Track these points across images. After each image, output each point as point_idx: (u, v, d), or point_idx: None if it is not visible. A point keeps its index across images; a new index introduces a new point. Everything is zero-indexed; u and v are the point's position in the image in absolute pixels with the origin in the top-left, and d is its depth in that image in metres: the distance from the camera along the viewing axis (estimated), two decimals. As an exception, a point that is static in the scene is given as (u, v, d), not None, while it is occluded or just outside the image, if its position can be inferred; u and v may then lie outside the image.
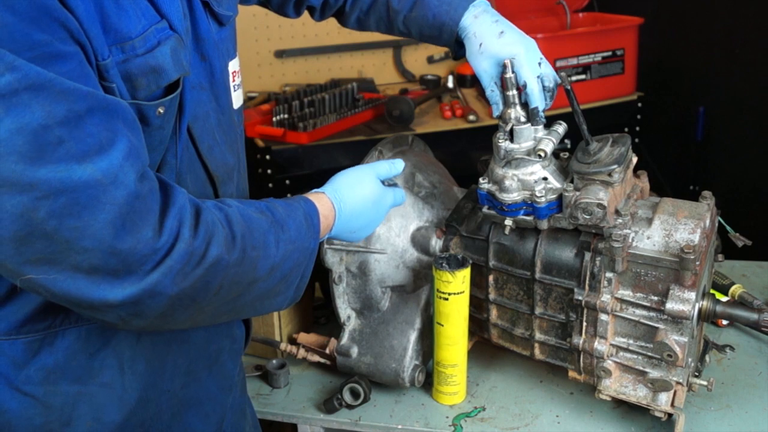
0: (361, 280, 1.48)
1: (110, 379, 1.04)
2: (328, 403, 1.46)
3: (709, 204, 1.34)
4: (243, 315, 1.12)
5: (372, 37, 3.27)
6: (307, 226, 1.09)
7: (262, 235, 1.00)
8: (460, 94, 3.11)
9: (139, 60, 0.92)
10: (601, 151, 1.29)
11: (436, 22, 1.41)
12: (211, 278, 0.92)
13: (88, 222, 0.81)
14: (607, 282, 1.30)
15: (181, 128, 1.03)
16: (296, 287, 1.10)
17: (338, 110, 2.81)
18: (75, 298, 0.85)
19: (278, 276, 1.04)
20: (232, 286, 0.96)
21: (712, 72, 2.89)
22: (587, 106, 2.82)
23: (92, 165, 0.81)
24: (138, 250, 0.84)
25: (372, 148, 1.53)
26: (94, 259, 0.83)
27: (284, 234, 1.04)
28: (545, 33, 2.86)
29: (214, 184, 1.15)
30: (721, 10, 2.79)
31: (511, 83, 1.29)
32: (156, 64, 0.93)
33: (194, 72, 1.06)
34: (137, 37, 0.91)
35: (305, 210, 1.11)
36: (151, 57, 0.93)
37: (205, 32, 1.09)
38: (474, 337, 1.56)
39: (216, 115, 1.12)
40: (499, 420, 1.43)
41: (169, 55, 0.95)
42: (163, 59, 0.94)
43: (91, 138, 0.81)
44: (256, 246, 0.98)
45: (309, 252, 1.10)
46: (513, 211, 1.33)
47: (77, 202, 0.80)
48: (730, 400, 1.44)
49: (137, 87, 0.92)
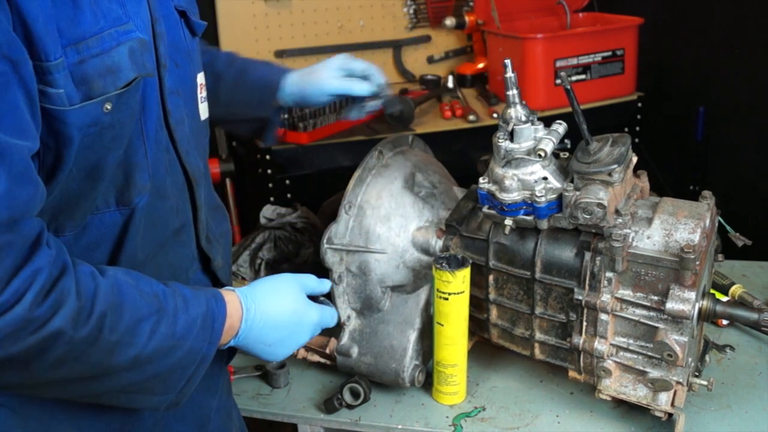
0: (361, 280, 1.48)
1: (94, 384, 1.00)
2: (328, 403, 1.46)
3: (709, 204, 1.34)
4: (110, 402, 1.01)
5: (372, 36, 3.27)
6: (202, 328, 1.00)
7: (134, 321, 0.92)
8: (460, 94, 3.11)
9: (95, 60, 0.90)
10: (601, 151, 1.29)
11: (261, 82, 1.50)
12: (48, 348, 0.85)
13: None
14: (607, 282, 1.30)
15: (145, 129, 1.01)
16: (179, 391, 1.02)
17: (338, 110, 2.81)
18: None
19: (148, 371, 0.95)
20: (79, 365, 0.89)
21: (712, 72, 2.89)
22: (587, 106, 2.82)
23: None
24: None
25: (372, 148, 1.53)
26: None
27: (167, 328, 0.95)
28: (545, 33, 2.86)
29: (192, 188, 1.15)
30: (721, 10, 2.79)
31: (511, 83, 1.29)
32: (112, 63, 0.92)
33: (171, 78, 1.06)
34: (91, 37, 0.90)
35: (209, 310, 1.02)
36: (107, 57, 0.91)
37: (180, 40, 1.11)
38: (474, 337, 1.56)
39: (189, 121, 1.13)
40: (499, 420, 1.43)
41: (126, 55, 0.93)
42: (120, 59, 0.93)
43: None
44: (119, 330, 0.91)
45: (199, 356, 1.00)
46: (513, 210, 1.33)
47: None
48: (730, 400, 1.44)
49: (93, 88, 0.90)
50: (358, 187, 1.48)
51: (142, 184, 1.03)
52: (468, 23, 3.19)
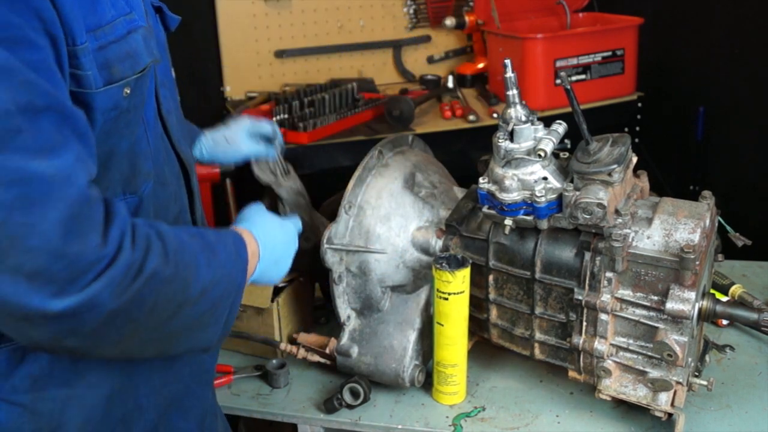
0: (361, 279, 1.48)
1: (96, 380, 1.03)
2: (328, 403, 1.46)
3: (709, 204, 1.34)
4: (170, 348, 1.04)
5: (372, 37, 3.27)
6: (236, 256, 1.06)
7: (193, 255, 0.96)
8: (460, 94, 3.11)
9: (114, 46, 0.94)
10: (601, 151, 1.29)
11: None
12: (147, 293, 0.88)
13: (37, 219, 0.78)
14: (607, 282, 1.30)
15: (146, 117, 1.06)
16: (225, 322, 1.05)
17: (338, 110, 2.81)
18: (10, 304, 0.79)
19: (208, 303, 0.99)
20: (165, 304, 0.92)
21: (712, 72, 2.89)
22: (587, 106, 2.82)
23: (46, 161, 0.79)
24: (84, 256, 0.81)
25: (372, 148, 1.53)
26: (38, 261, 0.78)
27: (215, 258, 1.00)
28: (545, 33, 2.86)
29: (187, 174, 1.21)
30: (721, 10, 2.79)
31: (511, 83, 1.29)
32: (130, 48, 0.96)
33: (160, 70, 1.12)
34: (107, 24, 0.93)
35: (234, 240, 1.07)
36: (125, 43, 0.96)
37: (160, 35, 1.17)
38: (474, 337, 1.56)
39: (175, 113, 1.20)
40: (499, 420, 1.43)
41: (141, 42, 0.99)
42: (137, 45, 0.98)
43: (46, 135, 0.80)
44: (189, 264, 0.94)
45: (237, 285, 1.05)
46: (513, 210, 1.33)
47: (28, 196, 0.77)
48: (730, 400, 1.44)
49: (114, 73, 0.94)
50: (358, 187, 1.48)
51: (147, 171, 1.07)
52: (468, 23, 3.20)
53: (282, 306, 1.61)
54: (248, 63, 3.09)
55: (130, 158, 1.03)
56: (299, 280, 1.67)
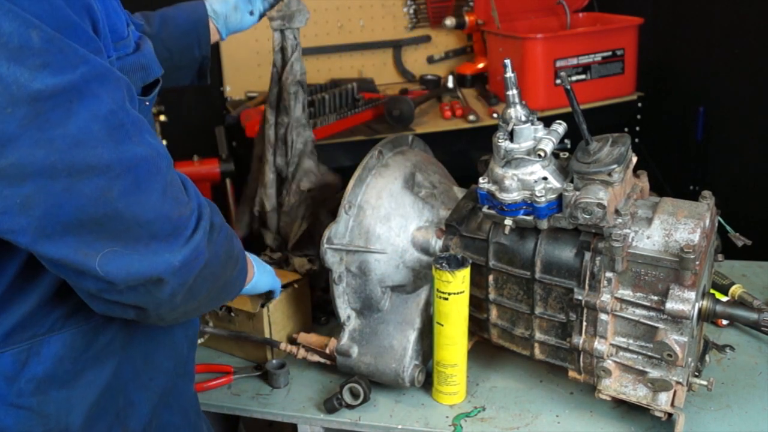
0: (361, 280, 1.48)
1: (94, 377, 1.04)
2: (328, 403, 1.46)
3: (709, 204, 1.34)
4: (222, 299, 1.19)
5: (372, 36, 3.27)
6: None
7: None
8: (460, 94, 3.11)
9: (130, 58, 0.99)
10: (601, 150, 1.29)
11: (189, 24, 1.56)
12: (220, 245, 1.00)
13: (148, 195, 0.88)
14: (607, 282, 1.30)
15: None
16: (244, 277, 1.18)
17: (338, 110, 2.81)
18: (144, 273, 0.89)
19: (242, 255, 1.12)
20: (228, 256, 1.04)
21: (712, 72, 2.89)
22: (587, 106, 2.82)
23: (142, 142, 0.88)
24: (183, 213, 0.92)
25: (372, 148, 1.53)
26: (154, 228, 0.89)
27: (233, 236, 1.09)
28: (545, 33, 2.86)
29: None
30: (721, 10, 2.79)
31: (511, 83, 1.29)
32: (145, 62, 1.01)
33: None
34: (126, 38, 0.99)
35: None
36: (141, 56, 1.00)
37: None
38: (474, 337, 1.56)
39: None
40: (499, 420, 1.43)
41: (152, 54, 1.04)
42: (150, 58, 1.03)
43: (134, 119, 0.88)
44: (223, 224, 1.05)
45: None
46: (513, 210, 1.33)
47: (138, 177, 0.87)
48: (730, 400, 1.44)
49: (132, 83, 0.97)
50: (358, 187, 1.48)
51: None
52: (468, 23, 3.20)
53: (275, 310, 1.60)
54: (248, 63, 3.09)
55: None
56: (294, 287, 1.67)
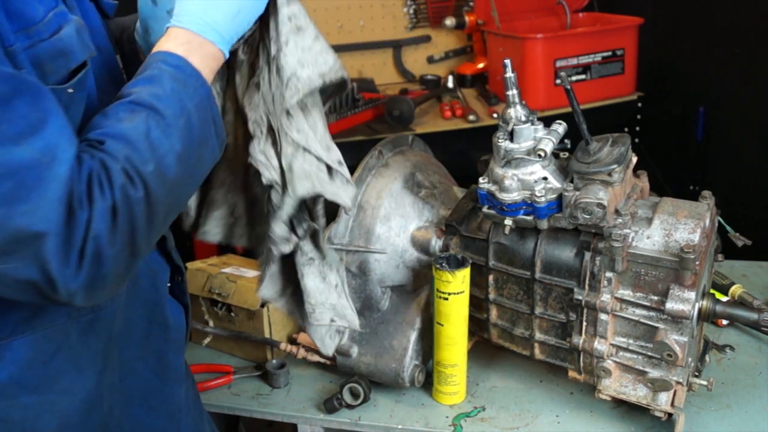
0: (361, 279, 1.48)
1: (69, 384, 1.01)
2: (328, 403, 1.46)
3: (709, 204, 1.34)
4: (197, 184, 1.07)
5: (372, 36, 3.27)
6: (183, 85, 0.97)
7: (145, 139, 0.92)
8: (460, 94, 3.11)
9: (45, 44, 0.90)
10: (601, 150, 1.29)
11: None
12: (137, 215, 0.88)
13: (37, 204, 0.79)
14: (607, 282, 1.30)
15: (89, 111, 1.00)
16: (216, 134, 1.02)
17: (338, 110, 2.81)
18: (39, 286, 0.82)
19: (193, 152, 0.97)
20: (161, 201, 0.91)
21: (712, 72, 2.89)
22: (587, 106, 2.82)
23: (29, 145, 0.79)
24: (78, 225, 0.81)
25: (372, 148, 1.53)
26: (49, 244, 0.79)
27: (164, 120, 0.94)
28: (545, 33, 2.86)
29: None
30: (721, 10, 2.79)
31: (511, 83, 1.29)
32: (63, 46, 0.92)
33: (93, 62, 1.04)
34: (41, 22, 0.90)
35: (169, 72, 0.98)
36: (58, 40, 0.91)
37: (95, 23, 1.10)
38: (474, 337, 1.56)
39: None
40: (499, 420, 1.43)
41: (75, 37, 0.93)
42: (70, 41, 0.93)
43: (23, 119, 0.80)
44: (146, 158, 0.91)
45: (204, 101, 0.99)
46: (513, 210, 1.33)
47: (24, 184, 0.78)
48: (730, 400, 1.44)
49: (47, 72, 0.90)
50: (358, 187, 1.48)
51: None
52: (468, 23, 3.20)
53: (274, 310, 1.60)
54: (248, 63, 3.09)
55: None
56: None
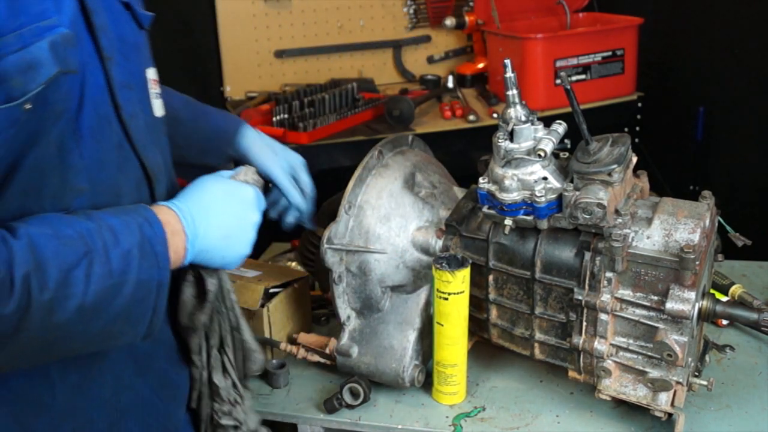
0: (361, 280, 1.48)
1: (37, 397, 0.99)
2: (328, 403, 1.46)
3: (709, 204, 1.34)
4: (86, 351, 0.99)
5: (372, 36, 3.27)
6: (142, 257, 0.94)
7: (63, 272, 0.86)
8: (460, 94, 3.11)
9: (14, 57, 0.86)
10: (601, 150, 1.29)
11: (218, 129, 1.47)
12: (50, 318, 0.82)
13: None
14: (607, 282, 1.30)
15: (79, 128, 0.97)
16: (149, 324, 0.97)
17: (338, 110, 2.81)
18: None
19: (104, 317, 0.91)
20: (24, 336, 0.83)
21: (712, 72, 2.89)
22: (587, 106, 2.82)
23: None
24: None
25: (372, 148, 1.53)
26: None
27: (101, 267, 0.90)
28: (545, 33, 2.86)
29: (151, 183, 1.12)
30: (721, 10, 2.79)
31: (511, 83, 1.29)
32: (32, 58, 0.87)
33: (120, 71, 1.03)
34: (10, 34, 0.86)
35: (143, 237, 0.96)
36: (26, 52, 0.87)
37: (127, 33, 1.08)
38: (474, 337, 1.56)
39: (143, 116, 1.10)
40: (499, 420, 1.43)
41: (47, 50, 0.89)
42: (40, 53, 0.88)
43: None
44: (49, 287, 0.85)
45: (152, 284, 0.95)
46: (513, 210, 1.33)
47: None
48: (730, 400, 1.44)
49: (14, 86, 0.87)
50: (358, 187, 1.48)
51: (80, 187, 0.98)
52: (468, 23, 3.20)
53: (274, 310, 1.60)
54: (248, 63, 3.10)
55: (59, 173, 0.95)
56: (293, 286, 1.67)
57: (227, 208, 1.10)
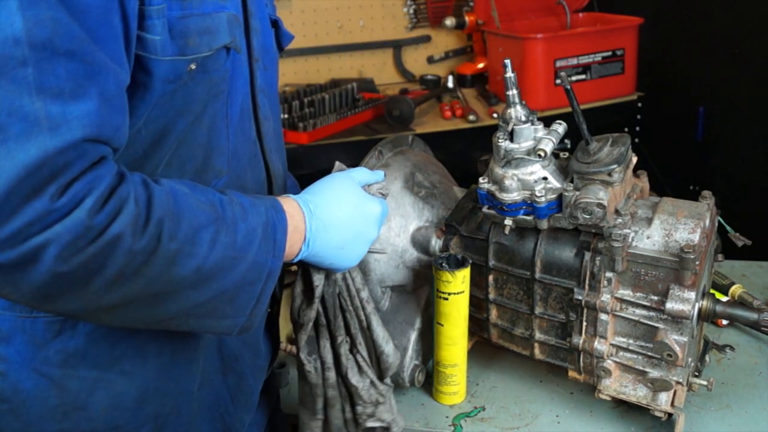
0: (361, 280, 1.48)
1: (130, 368, 1.02)
2: (328, 403, 1.45)
3: (709, 204, 1.34)
4: (179, 328, 0.98)
5: (372, 36, 3.27)
6: (263, 239, 0.95)
7: (193, 228, 0.87)
8: (460, 94, 3.11)
9: (197, 18, 0.91)
10: (601, 150, 1.29)
11: None
12: (108, 260, 0.80)
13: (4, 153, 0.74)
14: (607, 282, 1.30)
15: (230, 112, 1.02)
16: (250, 313, 0.96)
17: (338, 110, 2.81)
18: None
19: (214, 288, 0.90)
20: (141, 279, 0.83)
21: (712, 72, 2.89)
22: (587, 106, 2.82)
23: (42, 102, 0.75)
24: (33, 206, 0.74)
25: (372, 148, 1.53)
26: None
27: (227, 237, 0.90)
28: (545, 33, 2.86)
29: (271, 185, 1.17)
30: (721, 10, 2.79)
31: (511, 83, 1.29)
32: (212, 24, 0.93)
33: (261, 76, 1.11)
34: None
35: (268, 220, 0.97)
36: (209, 18, 0.93)
37: (270, 47, 1.17)
38: (474, 337, 1.56)
39: (273, 123, 1.17)
40: (499, 420, 1.43)
41: (225, 22, 0.96)
42: (220, 23, 0.95)
43: (55, 79, 0.76)
44: (178, 238, 0.85)
45: (265, 270, 0.95)
46: (513, 210, 1.33)
47: (6, 128, 0.74)
48: (730, 400, 1.44)
49: (189, 44, 0.91)
50: (358, 187, 1.48)
51: (220, 168, 1.03)
52: (468, 23, 3.20)
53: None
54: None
55: (204, 151, 1.00)
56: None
57: (352, 223, 1.09)
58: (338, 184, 1.12)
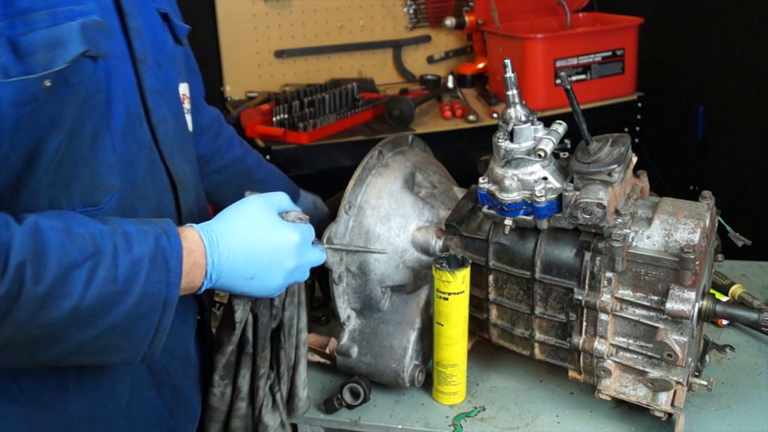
0: (361, 280, 1.48)
1: (50, 401, 0.99)
2: (328, 403, 1.46)
3: (709, 204, 1.34)
4: (78, 363, 0.95)
5: (372, 36, 3.27)
6: (152, 269, 0.90)
7: (64, 267, 0.83)
8: (460, 94, 3.11)
9: (43, 32, 0.86)
10: (601, 150, 1.29)
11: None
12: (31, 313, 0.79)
13: None
14: (607, 282, 1.30)
15: (112, 123, 0.97)
16: (150, 343, 0.92)
17: (338, 110, 2.81)
18: None
19: (100, 325, 0.86)
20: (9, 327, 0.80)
21: (712, 72, 2.89)
22: (587, 106, 2.83)
23: None
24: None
25: (372, 148, 1.53)
26: None
27: (106, 272, 0.86)
28: (545, 33, 2.86)
29: (176, 191, 1.11)
30: (721, 10, 2.79)
31: (511, 83, 1.29)
32: (61, 35, 0.87)
33: (152, 76, 1.04)
34: (43, 10, 0.86)
35: (158, 248, 0.91)
36: (56, 29, 0.87)
37: (163, 43, 1.10)
38: (474, 337, 1.56)
39: (173, 123, 1.10)
40: (499, 420, 1.43)
41: (77, 30, 0.89)
42: (69, 32, 0.88)
43: None
44: (45, 280, 0.82)
45: (159, 299, 0.90)
46: (513, 210, 1.33)
47: None
48: (730, 400, 1.44)
49: (39, 61, 0.86)
50: (358, 187, 1.48)
51: (111, 183, 0.98)
52: (468, 23, 3.20)
53: None
54: (248, 63, 3.10)
55: (90, 168, 0.95)
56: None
57: (260, 253, 1.02)
58: (250, 209, 1.05)
